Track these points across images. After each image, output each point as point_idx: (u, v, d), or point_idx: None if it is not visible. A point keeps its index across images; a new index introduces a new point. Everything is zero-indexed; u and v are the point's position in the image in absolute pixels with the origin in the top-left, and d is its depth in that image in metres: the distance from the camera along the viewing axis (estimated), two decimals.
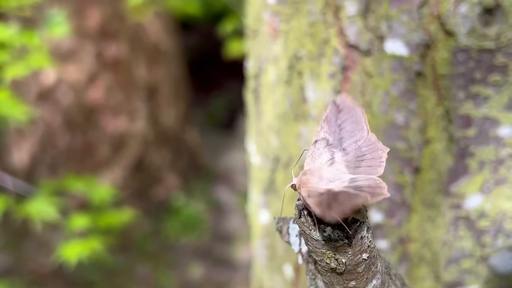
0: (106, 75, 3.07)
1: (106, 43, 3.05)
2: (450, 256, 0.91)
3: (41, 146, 3.08)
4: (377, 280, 0.51)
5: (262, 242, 1.05)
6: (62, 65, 2.92)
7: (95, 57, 3.03)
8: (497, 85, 0.85)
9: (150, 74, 3.31)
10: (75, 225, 1.76)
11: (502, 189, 0.89)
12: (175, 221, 3.30)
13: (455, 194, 0.89)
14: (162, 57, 3.39)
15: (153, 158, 3.35)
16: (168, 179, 3.42)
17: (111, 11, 3.03)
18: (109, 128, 3.15)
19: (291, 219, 0.58)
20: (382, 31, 0.85)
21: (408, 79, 0.86)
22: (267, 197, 1.03)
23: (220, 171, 3.77)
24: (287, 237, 0.58)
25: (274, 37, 0.95)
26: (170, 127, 3.46)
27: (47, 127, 3.04)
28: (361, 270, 0.50)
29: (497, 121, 0.87)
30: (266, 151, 1.01)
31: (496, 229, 0.91)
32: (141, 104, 3.26)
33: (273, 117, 0.98)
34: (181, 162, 3.52)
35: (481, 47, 0.84)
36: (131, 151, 3.24)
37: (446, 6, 0.83)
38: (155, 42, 3.31)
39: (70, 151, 3.06)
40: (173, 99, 3.49)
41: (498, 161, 0.88)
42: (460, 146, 0.88)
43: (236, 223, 3.41)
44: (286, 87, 0.95)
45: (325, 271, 0.50)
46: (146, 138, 3.28)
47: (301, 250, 0.57)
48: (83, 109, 3.05)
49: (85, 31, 2.95)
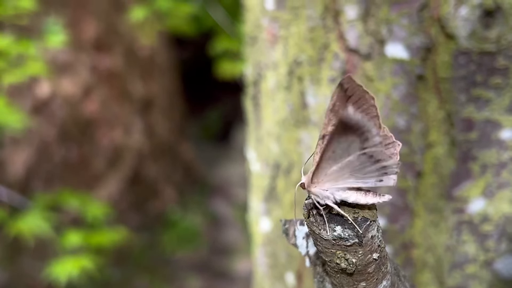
0: (101, 88, 3.07)
1: (101, 56, 3.05)
2: (453, 261, 0.91)
3: (36, 159, 3.07)
4: (387, 281, 0.51)
5: (263, 250, 1.04)
6: (57, 78, 2.91)
7: (90, 70, 3.02)
8: (498, 88, 0.85)
9: (145, 87, 3.31)
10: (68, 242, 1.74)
11: (504, 192, 0.89)
12: (171, 234, 3.29)
13: (458, 198, 0.89)
14: (157, 70, 3.39)
15: (149, 171, 3.34)
16: (164, 192, 3.40)
17: (106, 25, 3.04)
18: (105, 141, 3.14)
19: (298, 221, 0.58)
20: (382, 35, 0.85)
21: (409, 83, 0.85)
22: (267, 205, 1.02)
23: (216, 184, 3.76)
24: (293, 239, 0.57)
25: (273, 43, 0.95)
26: (165, 140, 3.45)
27: (42, 140, 3.03)
28: (371, 271, 0.49)
29: (499, 124, 0.86)
30: (266, 158, 1.00)
31: (499, 233, 0.90)
32: (136, 117, 3.25)
33: (273, 124, 0.97)
34: (176, 175, 3.51)
35: (482, 49, 0.83)
36: (127, 164, 3.23)
37: (446, 9, 0.82)
38: (149, 55, 3.31)
39: (66, 164, 3.05)
40: (168, 112, 3.49)
41: (500, 165, 0.88)
42: (462, 149, 0.87)
43: (234, 236, 3.40)
44: (286, 93, 0.94)
45: (335, 272, 0.49)
46: (142, 151, 3.27)
47: (308, 252, 0.56)
48: (78, 122, 3.04)
49: (80, 44, 2.95)
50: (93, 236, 1.77)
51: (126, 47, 3.15)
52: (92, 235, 1.77)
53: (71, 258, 1.67)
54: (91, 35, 3.00)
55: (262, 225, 1.03)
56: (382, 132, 0.50)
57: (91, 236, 1.76)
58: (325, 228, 0.47)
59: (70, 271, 1.62)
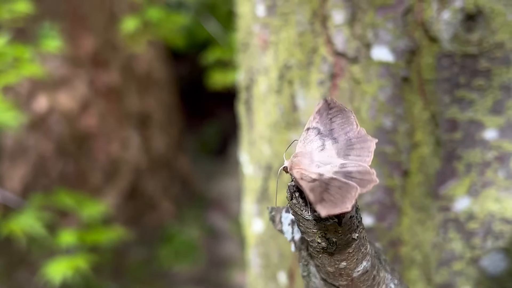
0: (98, 102, 3.09)
1: (98, 71, 3.08)
2: (440, 258, 0.93)
3: (33, 175, 3.09)
4: (367, 262, 0.53)
5: (255, 251, 1.07)
6: (55, 93, 2.94)
7: (87, 85, 3.05)
8: (481, 89, 0.88)
9: (142, 102, 3.34)
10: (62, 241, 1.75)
11: (489, 191, 0.91)
12: (169, 248, 3.30)
13: (443, 196, 0.91)
14: (154, 85, 3.42)
15: (146, 185, 3.36)
16: (161, 206, 3.42)
17: (104, 40, 3.07)
18: (102, 155, 3.16)
19: (283, 209, 0.60)
20: (368, 39, 0.88)
21: (395, 85, 0.88)
22: (260, 206, 1.04)
23: (213, 198, 3.78)
24: (280, 226, 0.60)
25: (264, 48, 0.98)
26: (163, 155, 3.48)
27: (39, 155, 3.05)
28: (351, 250, 0.51)
29: (482, 125, 0.89)
30: (258, 160, 1.03)
31: (485, 231, 0.92)
32: (133, 132, 3.28)
33: (265, 127, 1.00)
34: (174, 189, 3.53)
35: (465, 52, 0.86)
36: (124, 179, 3.25)
37: (429, 13, 0.86)
38: (147, 70, 3.34)
39: (63, 179, 3.06)
40: (165, 126, 3.51)
41: (484, 164, 0.91)
42: (447, 149, 0.90)
43: (231, 249, 3.41)
44: (277, 97, 0.97)
45: (317, 252, 0.52)
46: (139, 165, 3.29)
47: (293, 238, 0.59)
48: (75, 137, 3.06)
49: (78, 59, 2.98)
50: (88, 234, 1.78)
51: (123, 62, 3.19)
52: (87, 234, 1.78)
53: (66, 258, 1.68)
54: (89, 50, 3.04)
55: (254, 226, 1.06)
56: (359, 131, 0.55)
57: (87, 235, 1.77)
58: (306, 209, 0.50)
59: (64, 272, 1.63)
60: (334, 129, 0.55)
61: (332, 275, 0.54)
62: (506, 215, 0.92)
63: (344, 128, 0.55)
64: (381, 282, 0.56)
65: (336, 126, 0.55)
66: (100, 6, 3.07)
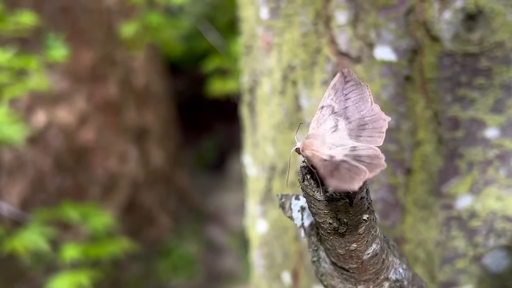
0: (96, 117, 3.10)
1: (96, 85, 3.09)
2: (444, 256, 0.94)
3: (31, 190, 3.08)
4: (377, 244, 0.54)
5: (259, 252, 1.07)
6: (53, 108, 2.95)
7: (86, 99, 3.06)
8: (482, 88, 0.89)
9: (140, 115, 3.35)
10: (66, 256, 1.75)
11: (491, 189, 0.93)
12: (167, 262, 3.29)
13: (446, 194, 0.93)
14: (152, 99, 3.44)
15: (144, 199, 3.36)
16: (159, 220, 3.42)
17: (102, 54, 3.09)
18: (100, 169, 3.16)
19: (293, 196, 0.61)
20: (371, 39, 0.90)
21: (397, 84, 0.90)
22: (264, 207, 1.05)
23: (211, 212, 3.78)
24: (289, 212, 0.61)
25: (268, 50, 0.99)
26: (160, 169, 3.48)
27: (37, 171, 3.05)
28: (362, 232, 0.52)
29: (483, 123, 0.91)
30: (262, 161, 1.04)
31: (487, 229, 0.93)
32: (131, 146, 3.29)
33: (268, 128, 1.01)
34: (171, 203, 3.53)
35: (466, 51, 0.88)
36: (122, 193, 3.25)
37: (431, 13, 0.88)
38: (145, 84, 3.36)
39: (61, 194, 3.06)
40: (163, 140, 3.52)
41: (486, 162, 0.92)
42: (449, 147, 0.91)
43: (229, 263, 3.41)
44: (280, 97, 0.99)
45: (328, 233, 0.53)
46: (137, 179, 3.30)
47: (303, 224, 0.60)
48: (73, 151, 3.07)
49: (76, 73, 3.00)
50: (92, 248, 1.78)
51: (121, 76, 3.20)
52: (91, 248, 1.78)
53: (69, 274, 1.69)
54: (87, 65, 3.05)
55: (258, 227, 1.07)
56: (374, 108, 0.55)
57: (90, 249, 1.78)
58: (318, 190, 0.51)
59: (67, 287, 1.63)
60: (348, 107, 0.56)
61: (343, 258, 0.55)
62: (508, 213, 0.93)
63: (358, 106, 0.56)
64: (390, 266, 0.57)
65: (350, 104, 0.56)
66: (98, 21, 3.09)
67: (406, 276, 0.58)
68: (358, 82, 0.57)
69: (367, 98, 0.56)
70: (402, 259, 0.59)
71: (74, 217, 1.83)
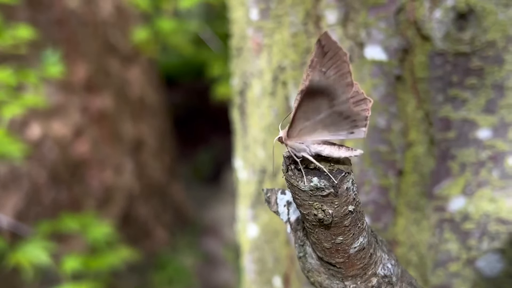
0: (92, 129, 3.09)
1: (91, 97, 3.08)
2: (436, 259, 0.92)
3: (26, 203, 3.07)
4: (364, 238, 0.53)
5: (250, 257, 1.06)
6: (48, 120, 2.94)
7: (81, 111, 3.05)
8: (473, 88, 0.88)
9: (136, 128, 3.34)
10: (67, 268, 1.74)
11: (484, 191, 0.91)
12: (162, 275, 3.27)
13: (438, 196, 0.91)
14: (147, 111, 3.43)
15: (139, 212, 3.35)
16: (154, 233, 3.40)
17: (97, 66, 3.08)
18: (95, 182, 3.15)
19: (279, 190, 0.60)
20: (361, 38, 0.89)
21: (388, 83, 0.89)
22: (254, 211, 1.04)
23: (207, 225, 3.77)
24: (275, 207, 0.59)
25: (258, 52, 0.99)
26: (156, 181, 3.47)
27: (32, 184, 3.04)
28: (348, 224, 0.51)
29: (475, 124, 0.90)
30: (253, 164, 1.03)
31: (480, 232, 0.92)
32: (127, 158, 3.27)
33: (259, 130, 1.00)
34: (167, 216, 3.51)
35: (457, 51, 0.87)
36: (117, 205, 3.23)
37: (421, 12, 0.87)
38: (140, 96, 3.35)
39: (56, 206, 3.05)
40: (158, 153, 3.51)
41: (479, 163, 0.91)
42: (441, 148, 0.90)
43: (225, 276, 3.39)
44: (271, 99, 0.97)
45: (313, 226, 0.52)
46: (132, 191, 3.28)
47: (289, 219, 0.58)
48: (68, 164, 3.05)
49: (71, 86, 2.99)
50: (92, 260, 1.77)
51: (117, 88, 3.20)
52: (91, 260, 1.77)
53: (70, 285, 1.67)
54: (82, 77, 3.05)
55: (249, 232, 1.05)
56: (354, 88, 0.53)
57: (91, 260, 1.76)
58: (302, 180, 0.50)
59: None
60: None
61: (329, 252, 0.53)
62: (502, 215, 0.92)
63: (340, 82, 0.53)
64: (378, 262, 0.56)
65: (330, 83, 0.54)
66: (93, 33, 3.09)
67: (394, 272, 0.57)
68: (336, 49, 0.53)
69: (346, 75, 0.54)
70: (390, 255, 0.57)
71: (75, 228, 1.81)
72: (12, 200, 3.08)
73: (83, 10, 3.05)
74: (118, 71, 3.22)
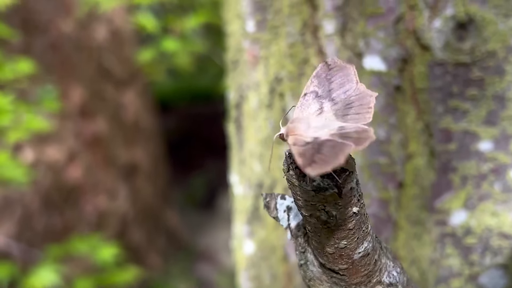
0: (85, 154, 3.07)
1: (86, 122, 3.07)
2: (438, 275, 0.90)
3: (17, 229, 3.03)
4: (369, 243, 0.50)
5: (246, 275, 1.03)
6: (41, 145, 2.92)
7: (74, 136, 3.03)
8: (474, 99, 0.87)
9: (130, 152, 3.32)
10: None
11: (486, 204, 0.89)
12: None
13: (439, 210, 0.89)
14: (141, 135, 3.41)
15: (132, 237, 3.31)
16: (148, 258, 3.36)
17: (92, 91, 3.07)
18: (88, 207, 3.12)
19: (279, 195, 0.58)
20: (360, 48, 0.88)
21: (388, 94, 0.87)
22: (251, 227, 1.01)
23: (201, 250, 3.73)
24: (275, 212, 0.57)
25: (255, 64, 0.97)
26: (150, 206, 3.44)
27: (24, 209, 3.00)
28: (352, 227, 0.49)
29: (477, 136, 0.88)
30: (249, 178, 1.00)
31: (483, 247, 0.90)
32: (120, 183, 3.25)
33: (255, 144, 0.98)
34: (161, 241, 3.48)
35: (457, 61, 0.86)
36: (110, 230, 3.20)
37: (421, 21, 0.85)
38: (134, 120, 3.34)
39: (48, 232, 3.01)
40: (152, 177, 3.49)
41: (480, 176, 0.89)
42: (442, 160, 0.88)
43: None
44: (267, 111, 0.96)
45: (315, 229, 0.49)
46: (126, 216, 3.25)
47: (289, 225, 0.56)
48: (62, 189, 3.03)
49: (65, 110, 2.97)
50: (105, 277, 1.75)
51: (111, 113, 3.18)
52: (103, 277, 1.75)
53: None
54: (76, 102, 3.03)
55: (245, 248, 1.03)
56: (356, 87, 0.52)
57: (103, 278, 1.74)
58: (304, 180, 0.47)
59: None
60: (333, 89, 0.53)
61: (332, 258, 0.51)
62: (504, 230, 0.90)
63: (343, 86, 0.53)
64: (383, 269, 0.53)
65: (334, 86, 0.53)
66: (88, 57, 3.09)
67: (400, 280, 0.54)
68: (342, 67, 0.53)
69: (352, 77, 0.53)
70: (395, 262, 0.55)
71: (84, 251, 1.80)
72: (4, 225, 3.04)
73: (78, 34, 3.05)
74: (112, 95, 3.21)
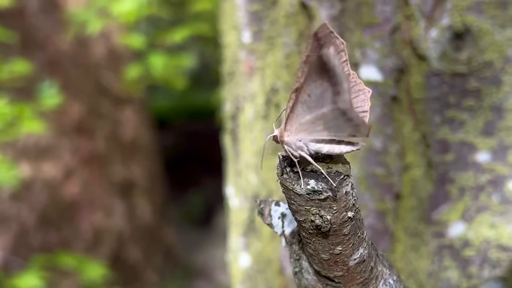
0: (82, 171, 3.06)
1: (83, 139, 3.06)
2: (436, 287, 0.89)
3: (13, 245, 3.01)
4: (364, 249, 0.49)
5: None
6: (38, 161, 2.91)
7: (71, 153, 3.02)
8: (471, 109, 0.86)
9: (127, 169, 3.31)
10: None
11: (484, 216, 0.88)
12: None
13: (437, 221, 0.88)
14: (138, 152, 3.40)
15: (129, 254, 3.29)
16: (144, 276, 3.34)
17: (89, 108, 3.07)
18: (85, 224, 3.10)
19: (272, 202, 0.57)
20: (356, 58, 0.87)
21: (384, 104, 0.87)
22: (247, 239, 1.00)
23: (198, 268, 3.71)
24: (269, 219, 0.56)
25: (251, 75, 0.96)
26: (146, 223, 3.42)
27: (20, 226, 2.99)
28: (347, 232, 0.48)
29: (474, 147, 0.87)
30: (245, 190, 0.99)
31: (481, 259, 0.89)
32: (117, 200, 3.24)
33: (251, 155, 0.97)
34: (157, 259, 3.46)
35: (454, 71, 0.85)
36: (107, 248, 3.18)
37: (417, 32, 0.85)
38: (132, 137, 3.33)
39: (44, 249, 2.99)
40: (149, 195, 3.47)
41: (478, 188, 0.88)
42: (439, 171, 0.87)
43: None
44: (263, 122, 0.95)
45: (310, 235, 0.48)
46: (122, 234, 3.23)
47: (284, 232, 0.55)
48: (58, 206, 3.01)
49: (63, 127, 2.96)
50: None
51: (108, 130, 3.18)
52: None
53: None
54: (74, 118, 3.03)
55: (241, 261, 1.01)
56: (352, 77, 0.51)
57: None
58: (298, 183, 0.46)
59: None
60: None
61: (327, 264, 0.50)
62: (502, 242, 0.89)
63: None
64: (379, 276, 0.52)
65: None
66: (85, 74, 3.09)
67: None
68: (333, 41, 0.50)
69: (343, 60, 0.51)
70: (392, 270, 0.54)
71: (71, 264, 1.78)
72: (0, 241, 3.02)
73: (76, 51, 3.05)
74: (110, 112, 3.21)
